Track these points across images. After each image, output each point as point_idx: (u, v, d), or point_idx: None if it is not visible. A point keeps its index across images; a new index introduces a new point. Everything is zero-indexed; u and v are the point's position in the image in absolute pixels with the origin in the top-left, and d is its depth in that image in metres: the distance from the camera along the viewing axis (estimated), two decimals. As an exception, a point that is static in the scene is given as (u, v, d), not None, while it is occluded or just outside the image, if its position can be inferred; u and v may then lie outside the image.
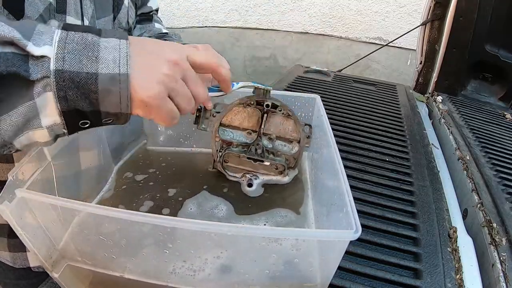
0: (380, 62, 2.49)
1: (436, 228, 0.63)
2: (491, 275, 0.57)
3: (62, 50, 0.32)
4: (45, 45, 0.31)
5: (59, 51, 0.32)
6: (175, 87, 0.38)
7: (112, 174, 0.64)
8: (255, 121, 0.63)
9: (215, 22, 2.74)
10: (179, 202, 0.58)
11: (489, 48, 1.27)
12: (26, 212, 0.39)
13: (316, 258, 0.43)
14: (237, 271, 0.43)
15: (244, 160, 0.63)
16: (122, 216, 0.36)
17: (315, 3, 2.53)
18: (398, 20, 2.41)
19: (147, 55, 0.37)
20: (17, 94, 0.32)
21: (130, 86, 0.34)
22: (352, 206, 0.38)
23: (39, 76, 0.31)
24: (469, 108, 1.22)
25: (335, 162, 0.47)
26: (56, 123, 0.34)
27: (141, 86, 0.35)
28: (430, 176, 0.79)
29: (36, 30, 0.32)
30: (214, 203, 0.59)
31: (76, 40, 0.33)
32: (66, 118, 0.34)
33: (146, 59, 0.36)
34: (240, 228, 0.40)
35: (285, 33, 2.67)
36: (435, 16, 1.28)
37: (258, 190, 0.63)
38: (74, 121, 0.35)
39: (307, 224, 0.56)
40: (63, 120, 0.34)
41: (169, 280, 0.43)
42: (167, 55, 0.38)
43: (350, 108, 1.07)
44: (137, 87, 0.35)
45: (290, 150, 0.64)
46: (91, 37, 0.33)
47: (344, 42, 2.58)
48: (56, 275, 0.44)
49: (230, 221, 0.55)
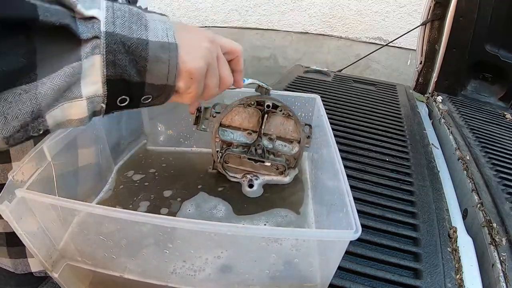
0: (380, 62, 2.49)
1: (436, 228, 0.63)
2: (491, 275, 0.57)
3: (112, 14, 0.31)
4: (93, 8, 0.30)
5: (108, 15, 0.31)
6: (212, 63, 0.39)
7: (112, 174, 0.64)
8: (255, 122, 0.63)
9: (215, 22, 2.74)
10: (178, 202, 0.58)
11: (489, 48, 1.27)
12: (26, 212, 0.39)
13: (316, 258, 0.43)
14: (237, 271, 0.43)
15: (244, 161, 0.63)
16: (122, 216, 0.36)
17: (315, 3, 2.53)
18: (398, 20, 2.41)
19: (189, 31, 0.38)
20: (63, 52, 0.29)
21: (179, 56, 0.35)
22: (352, 206, 0.38)
23: (89, 35, 0.30)
24: (469, 108, 1.22)
25: (335, 162, 0.47)
26: (98, 94, 0.32)
27: (189, 57, 0.36)
28: (430, 176, 0.79)
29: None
30: (213, 203, 0.59)
31: (123, 9, 0.32)
32: (109, 88, 0.32)
33: (189, 34, 0.37)
34: (240, 228, 0.40)
35: (285, 33, 2.67)
36: (435, 16, 1.28)
37: (258, 191, 0.63)
38: (115, 93, 0.33)
39: (307, 224, 0.56)
40: (105, 90, 0.32)
41: (169, 280, 0.43)
42: (204, 33, 0.39)
43: (350, 108, 1.07)
44: (185, 58, 0.35)
45: (291, 150, 0.64)
46: (136, 9, 0.33)
47: (344, 42, 2.58)
48: (56, 275, 0.44)
49: (230, 222, 0.55)
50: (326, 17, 2.55)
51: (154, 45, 0.33)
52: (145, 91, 0.35)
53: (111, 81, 0.32)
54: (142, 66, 0.33)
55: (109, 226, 0.40)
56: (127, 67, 0.32)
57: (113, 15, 0.31)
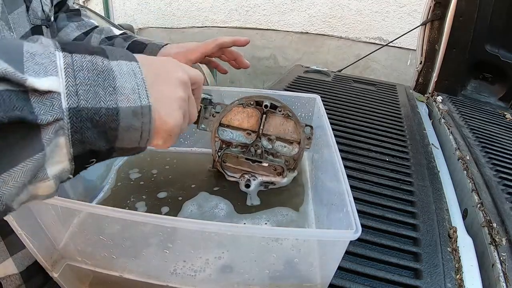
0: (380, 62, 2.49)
1: (436, 228, 0.63)
2: (491, 275, 0.57)
3: (73, 80, 0.26)
4: (48, 76, 0.25)
5: (69, 82, 0.26)
6: (187, 109, 0.36)
7: (112, 174, 0.64)
8: (255, 122, 0.63)
9: (215, 22, 2.74)
10: (179, 202, 0.58)
11: (489, 48, 1.27)
12: (26, 212, 0.39)
13: (316, 258, 0.43)
14: (237, 271, 0.43)
15: (242, 161, 0.63)
16: (122, 216, 0.36)
17: (315, 3, 2.53)
18: (398, 20, 2.41)
19: (159, 78, 0.33)
20: (19, 146, 0.24)
21: (153, 120, 0.31)
22: (352, 206, 0.38)
23: (50, 118, 0.24)
24: (469, 108, 1.22)
25: (335, 162, 0.47)
26: (65, 170, 0.28)
27: (166, 116, 0.32)
28: (430, 176, 0.79)
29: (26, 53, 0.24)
30: (214, 202, 0.58)
31: (86, 67, 0.27)
32: (76, 162, 0.28)
33: (160, 83, 0.33)
34: (240, 228, 0.40)
35: (285, 33, 2.67)
36: (435, 16, 1.29)
37: (256, 191, 0.63)
38: (83, 163, 0.29)
39: (308, 224, 0.56)
40: (73, 165, 0.28)
41: (170, 280, 0.43)
42: (176, 75, 0.35)
43: (350, 108, 1.07)
44: (164, 118, 0.32)
45: (290, 152, 0.64)
46: (101, 60, 0.28)
47: (344, 42, 2.58)
48: (56, 275, 0.44)
49: (231, 220, 0.55)
50: (326, 17, 2.55)
51: (125, 112, 0.28)
52: (113, 154, 0.31)
53: (79, 156, 0.28)
54: (112, 136, 0.29)
55: (109, 226, 0.40)
56: (96, 140, 0.28)
57: (75, 81, 0.26)
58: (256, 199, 0.61)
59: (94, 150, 0.29)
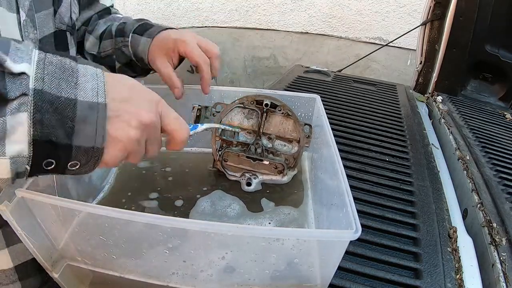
0: (380, 62, 2.49)
1: (436, 228, 0.63)
2: (491, 275, 0.57)
3: (42, 70, 0.30)
4: (23, 63, 0.30)
5: (38, 71, 0.30)
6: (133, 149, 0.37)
7: (113, 174, 0.64)
8: (255, 121, 0.63)
9: (215, 22, 2.74)
10: (179, 202, 0.58)
11: (489, 48, 1.27)
12: (26, 212, 0.39)
13: (316, 258, 0.43)
14: (237, 271, 0.43)
15: (243, 159, 0.63)
16: (122, 216, 0.36)
17: (315, 3, 2.53)
18: (398, 20, 2.41)
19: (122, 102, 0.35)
20: None
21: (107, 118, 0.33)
22: (352, 206, 0.38)
23: (17, 93, 0.29)
24: (469, 108, 1.22)
25: (335, 162, 0.47)
26: (23, 154, 0.31)
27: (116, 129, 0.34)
28: (430, 176, 0.79)
29: (13, 46, 0.30)
30: (215, 202, 0.59)
31: (54, 63, 0.31)
32: (35, 149, 0.31)
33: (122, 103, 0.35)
34: (240, 228, 0.40)
35: (285, 33, 2.67)
36: (435, 16, 1.28)
37: (257, 189, 0.63)
38: (41, 156, 0.31)
39: (307, 224, 0.56)
40: (31, 151, 0.31)
41: (170, 280, 0.43)
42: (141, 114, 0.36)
43: (350, 108, 1.07)
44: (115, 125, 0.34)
45: (290, 150, 0.64)
46: (69, 61, 0.33)
47: (344, 42, 2.58)
48: (56, 275, 0.44)
49: (231, 220, 0.55)
50: (326, 17, 2.55)
51: (83, 105, 0.32)
52: (72, 155, 0.33)
53: (38, 141, 0.30)
54: (69, 127, 0.31)
55: (109, 226, 0.40)
56: (55, 127, 0.31)
57: (43, 71, 0.30)
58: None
59: (52, 141, 0.31)
